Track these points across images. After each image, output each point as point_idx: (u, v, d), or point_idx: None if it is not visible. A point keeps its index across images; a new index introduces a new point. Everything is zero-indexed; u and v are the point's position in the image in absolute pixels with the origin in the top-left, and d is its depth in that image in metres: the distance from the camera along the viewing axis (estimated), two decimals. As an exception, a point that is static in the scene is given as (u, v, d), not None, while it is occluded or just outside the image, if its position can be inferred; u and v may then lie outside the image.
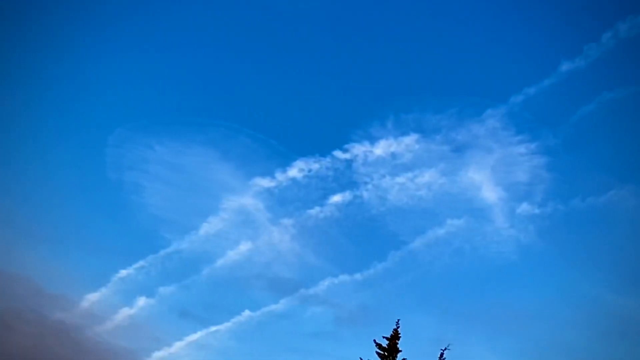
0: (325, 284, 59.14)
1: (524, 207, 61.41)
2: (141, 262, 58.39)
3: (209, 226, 60.05)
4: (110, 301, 58.30)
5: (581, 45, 55.78)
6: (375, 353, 25.17)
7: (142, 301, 57.77)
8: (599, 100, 59.50)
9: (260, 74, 74.32)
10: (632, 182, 61.04)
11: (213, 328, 55.89)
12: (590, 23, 65.98)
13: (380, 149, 59.59)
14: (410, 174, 60.29)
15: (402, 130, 63.17)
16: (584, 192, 62.47)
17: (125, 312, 56.49)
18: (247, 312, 57.40)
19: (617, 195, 59.68)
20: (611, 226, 63.69)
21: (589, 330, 56.90)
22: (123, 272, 57.57)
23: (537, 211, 59.87)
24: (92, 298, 56.99)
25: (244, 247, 60.87)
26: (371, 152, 59.72)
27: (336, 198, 59.89)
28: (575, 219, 61.64)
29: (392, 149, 59.58)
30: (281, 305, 58.51)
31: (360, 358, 24.72)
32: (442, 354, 24.26)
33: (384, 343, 25.25)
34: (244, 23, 73.02)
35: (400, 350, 25.01)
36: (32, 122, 66.66)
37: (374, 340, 25.29)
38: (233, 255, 60.06)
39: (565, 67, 55.67)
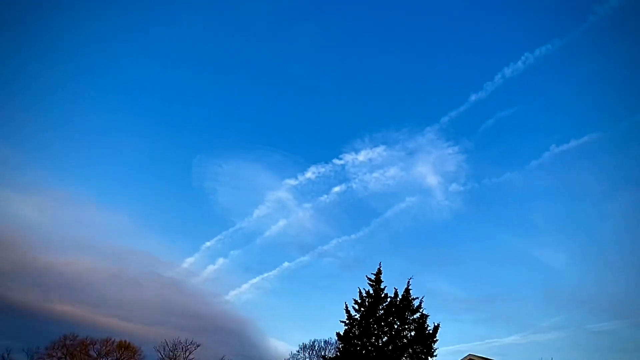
0: (333, 243, 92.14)
1: (454, 186, 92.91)
2: (218, 236, 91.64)
3: (259, 211, 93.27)
4: (201, 262, 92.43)
5: (482, 82, 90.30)
6: (367, 284, 35.21)
7: (220, 261, 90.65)
8: (496, 117, 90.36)
9: (282, 112, 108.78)
10: (521, 168, 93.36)
11: (265, 274, 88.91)
12: (487, 62, 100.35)
13: (362, 156, 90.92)
14: (381, 171, 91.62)
15: (374, 144, 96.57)
16: (491, 175, 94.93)
17: (210, 268, 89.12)
18: (285, 264, 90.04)
19: (511, 176, 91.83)
20: (508, 196, 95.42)
21: (501, 265, 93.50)
22: (207, 243, 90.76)
23: (462, 188, 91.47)
24: (189, 261, 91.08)
25: (281, 223, 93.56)
26: (356, 158, 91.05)
27: (336, 189, 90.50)
28: (487, 191, 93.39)
29: (369, 156, 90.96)
30: (306, 258, 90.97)
31: (358, 287, 36.59)
32: (408, 282, 34.70)
33: (372, 277, 35.43)
34: (266, 72, 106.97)
35: (382, 281, 35.19)
36: (150, 152, 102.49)
37: (366, 276, 35.49)
38: (275, 229, 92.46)
39: (473, 97, 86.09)
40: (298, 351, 51.54)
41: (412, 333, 34.36)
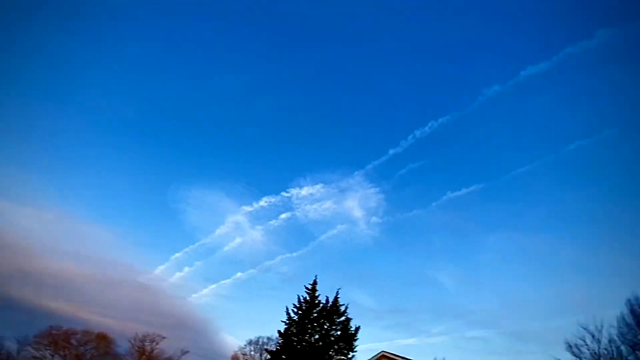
0: (277, 259, 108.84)
1: (374, 219, 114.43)
2: (185, 249, 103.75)
3: (220, 230, 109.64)
4: (170, 270, 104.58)
5: (398, 140, 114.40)
6: (305, 292, 41.95)
7: (186, 269, 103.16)
8: (408, 167, 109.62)
9: (243, 151, 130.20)
10: (425, 207, 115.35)
11: (222, 282, 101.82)
12: (404, 125, 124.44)
13: (304, 191, 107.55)
14: (319, 203, 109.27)
15: (314, 182, 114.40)
16: (403, 211, 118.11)
17: (177, 275, 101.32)
18: (239, 274, 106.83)
19: (417, 213, 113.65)
20: (415, 228, 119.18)
21: (405, 282, 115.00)
22: (177, 255, 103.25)
23: (380, 220, 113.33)
24: (161, 268, 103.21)
25: (237, 240, 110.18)
26: (300, 192, 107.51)
27: (283, 216, 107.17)
28: (399, 223, 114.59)
29: (310, 191, 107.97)
30: (255, 270, 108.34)
31: (298, 295, 42.99)
32: (337, 292, 42.25)
33: (309, 287, 42.42)
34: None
35: (317, 290, 42.34)
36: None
37: (304, 286, 42.40)
38: (232, 245, 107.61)
39: (391, 151, 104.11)
40: (245, 345, 60.27)
41: (338, 332, 41.83)
